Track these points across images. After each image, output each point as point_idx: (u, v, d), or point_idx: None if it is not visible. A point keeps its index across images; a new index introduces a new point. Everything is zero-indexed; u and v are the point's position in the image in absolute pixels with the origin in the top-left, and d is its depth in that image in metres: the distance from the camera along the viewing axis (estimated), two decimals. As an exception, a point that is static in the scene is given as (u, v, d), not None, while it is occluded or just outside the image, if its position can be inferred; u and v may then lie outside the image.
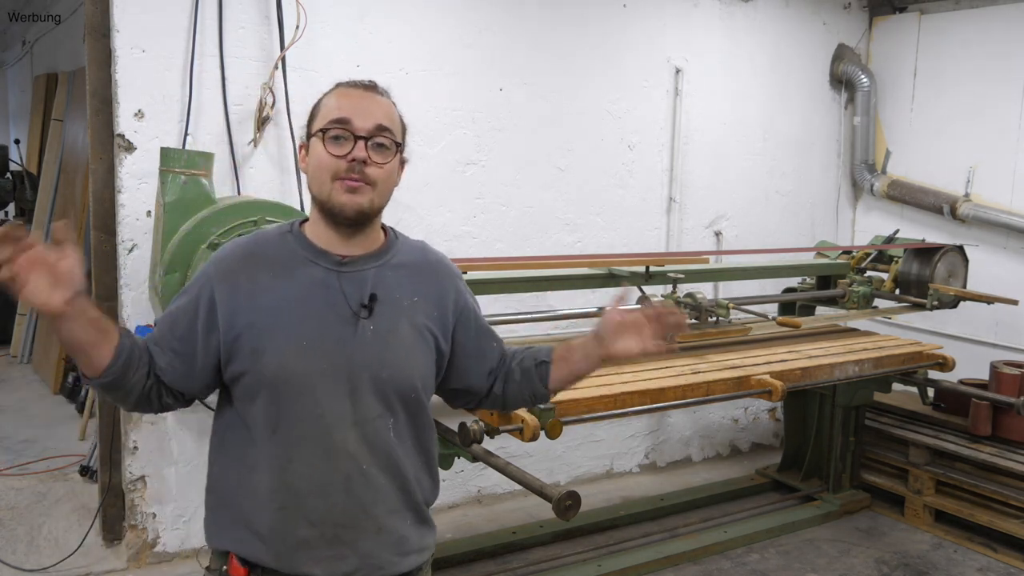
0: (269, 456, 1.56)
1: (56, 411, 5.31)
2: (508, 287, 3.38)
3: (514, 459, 3.65)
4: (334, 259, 1.60)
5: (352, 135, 1.54)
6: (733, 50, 4.91)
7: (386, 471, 1.61)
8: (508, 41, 4.12)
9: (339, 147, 1.54)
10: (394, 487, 1.63)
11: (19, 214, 7.08)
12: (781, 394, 3.13)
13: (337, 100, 1.59)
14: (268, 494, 1.56)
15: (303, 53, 3.49)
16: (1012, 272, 4.78)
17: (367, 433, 1.58)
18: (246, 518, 1.58)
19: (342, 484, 1.57)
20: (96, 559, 3.50)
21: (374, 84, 1.64)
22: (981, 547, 3.91)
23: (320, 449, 1.55)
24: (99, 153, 3.34)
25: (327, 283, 1.58)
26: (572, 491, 2.13)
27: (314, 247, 1.61)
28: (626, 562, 3.59)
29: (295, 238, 1.63)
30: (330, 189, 1.55)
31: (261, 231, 1.73)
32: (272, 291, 1.57)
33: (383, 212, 1.66)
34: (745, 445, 5.29)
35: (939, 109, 5.17)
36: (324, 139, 1.55)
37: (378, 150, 1.57)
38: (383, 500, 1.61)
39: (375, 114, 1.58)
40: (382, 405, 1.59)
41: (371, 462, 1.59)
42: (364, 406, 1.57)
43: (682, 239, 4.83)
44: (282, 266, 1.59)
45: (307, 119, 1.64)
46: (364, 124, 1.55)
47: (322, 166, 1.55)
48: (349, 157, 1.53)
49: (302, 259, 1.60)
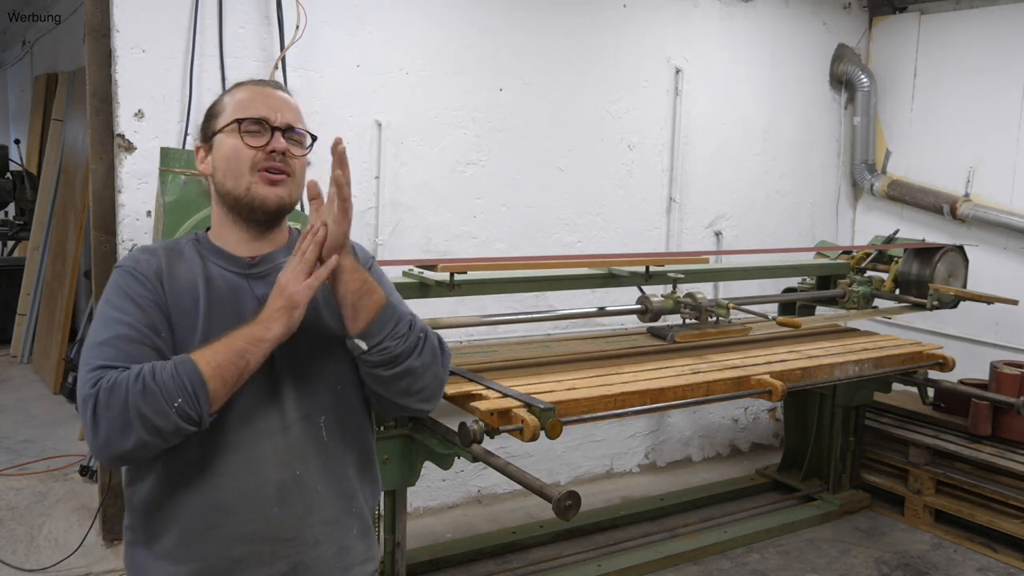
0: (192, 473, 1.44)
1: (56, 411, 5.31)
2: (508, 287, 3.38)
3: (514, 459, 3.65)
4: (242, 262, 1.55)
5: (269, 127, 1.50)
6: (733, 50, 4.91)
7: (322, 476, 1.52)
8: (508, 41, 4.12)
9: (256, 139, 1.50)
10: (333, 493, 1.54)
11: (19, 214, 7.08)
12: (781, 394, 3.13)
13: (248, 95, 1.54)
14: (194, 515, 1.44)
15: (303, 53, 3.49)
16: (1012, 272, 4.78)
17: (296, 436, 1.49)
18: (169, 550, 1.45)
19: (275, 495, 1.46)
20: (96, 559, 3.50)
21: (280, 84, 1.63)
22: (981, 547, 3.92)
23: (248, 459, 1.45)
24: (99, 153, 3.34)
25: (237, 287, 1.52)
26: (572, 491, 2.13)
27: (221, 252, 1.55)
28: (626, 562, 3.59)
29: (202, 245, 1.57)
30: (249, 182, 1.49)
31: (167, 240, 1.66)
32: (184, 298, 1.48)
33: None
34: (745, 445, 5.29)
35: (939, 109, 5.16)
36: (240, 131, 1.49)
37: (293, 143, 1.53)
38: (321, 508, 1.52)
39: (288, 108, 1.54)
40: (310, 404, 1.52)
41: (304, 467, 1.49)
42: (290, 408, 1.49)
43: (682, 239, 4.83)
44: (194, 273, 1.52)
45: (204, 121, 1.59)
46: (280, 118, 1.52)
47: (240, 157, 1.49)
48: (268, 148, 1.49)
49: (212, 265, 1.54)
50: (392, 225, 3.83)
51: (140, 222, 3.31)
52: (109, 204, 3.34)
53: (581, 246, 4.45)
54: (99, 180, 3.34)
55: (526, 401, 2.59)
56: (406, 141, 3.85)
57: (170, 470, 1.45)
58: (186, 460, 1.44)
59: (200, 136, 1.59)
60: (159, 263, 1.51)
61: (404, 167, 3.85)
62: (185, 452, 1.43)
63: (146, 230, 3.28)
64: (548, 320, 3.58)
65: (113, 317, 1.44)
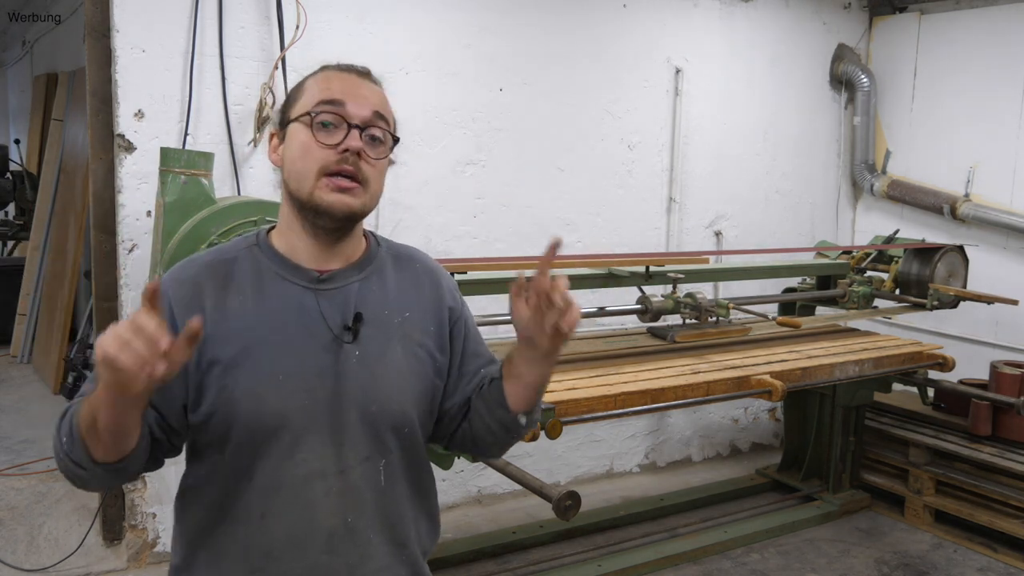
0: (240, 512, 1.34)
1: (56, 411, 5.17)
2: (508, 287, 3.37)
3: (514, 459, 3.64)
4: (310, 275, 1.38)
5: (345, 122, 1.32)
6: (733, 50, 4.91)
7: (376, 524, 1.39)
8: (508, 41, 4.12)
9: (329, 135, 1.32)
10: (385, 540, 1.41)
11: (19, 214, 7.08)
12: (781, 394, 3.13)
13: (327, 82, 1.37)
14: (239, 555, 1.34)
15: (303, 53, 3.48)
16: (1012, 272, 4.78)
17: (353, 480, 1.36)
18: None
19: (323, 542, 1.34)
20: (96, 559, 3.50)
21: (368, 71, 1.42)
22: (981, 547, 3.91)
23: (298, 502, 1.33)
24: (99, 153, 3.33)
25: (303, 304, 1.36)
26: (572, 491, 2.13)
27: (286, 261, 1.38)
28: (626, 562, 3.58)
29: (263, 252, 1.40)
30: (313, 186, 1.32)
31: (222, 246, 1.47)
32: (241, 318, 1.33)
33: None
34: (745, 445, 5.29)
35: (939, 109, 5.17)
36: (312, 124, 1.32)
37: (372, 143, 1.36)
38: (372, 558, 1.39)
39: (371, 100, 1.36)
40: (372, 446, 1.37)
41: (358, 515, 1.37)
42: (350, 449, 1.35)
43: (682, 239, 4.83)
44: (251, 287, 1.36)
45: (284, 104, 1.43)
46: (359, 110, 1.34)
47: (308, 156, 1.32)
48: (341, 147, 1.31)
49: (273, 277, 1.37)
50: (392, 225, 3.83)
51: (140, 222, 3.31)
52: (109, 204, 3.34)
53: (581, 246, 4.45)
54: (99, 180, 3.34)
55: (526, 401, 2.59)
56: (406, 141, 3.81)
57: (219, 504, 1.37)
58: (234, 495, 1.35)
59: (278, 120, 1.42)
60: (189, 292, 1.35)
61: (404, 167, 3.85)
62: (233, 486, 1.35)
63: (146, 230, 3.28)
64: (548, 320, 3.57)
65: None
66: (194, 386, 1.32)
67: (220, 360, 1.32)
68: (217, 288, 1.35)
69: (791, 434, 4.61)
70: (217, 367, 1.32)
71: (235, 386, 1.31)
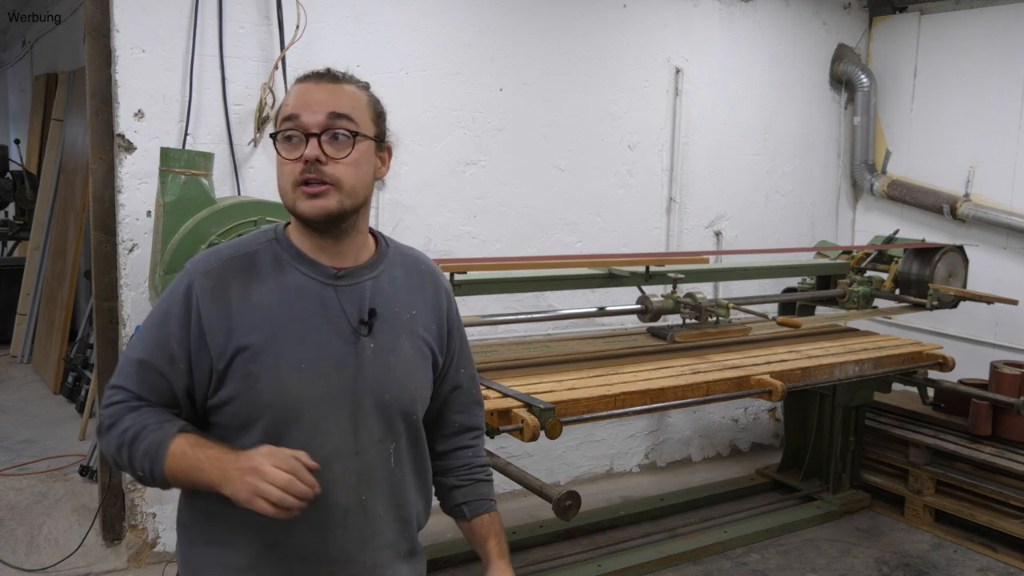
0: None
1: (56, 411, 5.31)
2: (508, 287, 3.38)
3: (514, 459, 3.65)
4: (328, 271, 1.46)
5: (303, 133, 1.39)
6: (733, 50, 4.91)
7: (385, 502, 1.51)
8: (508, 41, 4.12)
9: (292, 149, 1.40)
10: (393, 518, 1.53)
11: (19, 214, 7.08)
12: (781, 394, 3.13)
13: (289, 97, 1.45)
14: (256, 529, 1.42)
15: (303, 53, 3.48)
16: (1012, 272, 4.78)
17: (368, 461, 1.47)
18: (225, 559, 1.46)
19: (340, 519, 1.45)
20: (96, 559, 3.50)
21: (328, 71, 1.46)
22: (981, 547, 3.92)
23: (318, 480, 1.37)
24: (99, 153, 3.34)
25: (324, 298, 1.45)
26: (572, 491, 2.13)
27: (305, 257, 1.47)
28: (626, 562, 3.59)
29: (283, 246, 1.48)
30: (293, 198, 1.41)
31: (242, 238, 1.54)
32: (266, 308, 1.42)
33: (367, 216, 1.53)
34: (745, 445, 5.29)
35: (939, 109, 5.16)
36: (277, 142, 1.42)
37: (335, 143, 1.40)
38: (381, 533, 1.51)
39: (326, 103, 1.40)
40: (384, 430, 1.49)
41: (371, 493, 1.48)
42: (366, 432, 1.46)
43: (682, 239, 4.83)
44: (273, 279, 1.44)
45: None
46: (313, 118, 1.39)
47: (282, 173, 1.42)
48: (302, 159, 1.38)
49: (293, 271, 1.45)
50: (392, 225, 3.83)
51: (140, 222, 3.31)
52: (109, 204, 3.34)
53: (581, 246, 4.45)
54: (99, 180, 3.34)
55: (526, 401, 2.60)
56: (406, 141, 3.85)
57: None
58: None
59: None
60: (215, 282, 1.42)
61: (404, 167, 3.85)
62: None
63: (146, 230, 3.28)
64: (548, 320, 3.58)
65: (143, 336, 1.46)
66: (217, 376, 1.41)
67: (247, 347, 1.40)
68: (242, 279, 1.43)
69: (791, 434, 4.62)
70: (244, 353, 1.39)
71: (261, 372, 1.39)
